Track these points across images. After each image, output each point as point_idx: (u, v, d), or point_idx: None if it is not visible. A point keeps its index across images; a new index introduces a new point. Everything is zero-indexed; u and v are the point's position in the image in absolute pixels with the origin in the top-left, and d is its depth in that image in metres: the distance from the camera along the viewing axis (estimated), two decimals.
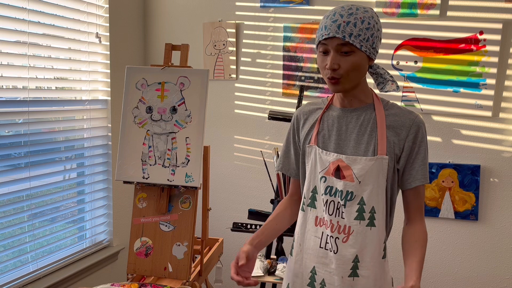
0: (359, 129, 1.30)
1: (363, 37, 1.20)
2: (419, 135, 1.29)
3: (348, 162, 1.28)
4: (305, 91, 2.57)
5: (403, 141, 1.28)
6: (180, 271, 1.65)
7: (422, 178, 1.29)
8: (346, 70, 1.22)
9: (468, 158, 2.40)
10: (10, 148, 1.94)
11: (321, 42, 1.23)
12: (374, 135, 1.28)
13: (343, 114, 1.33)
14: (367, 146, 1.28)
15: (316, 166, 1.35)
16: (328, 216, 1.31)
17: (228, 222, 2.82)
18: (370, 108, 1.31)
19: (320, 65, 1.27)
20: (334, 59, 1.21)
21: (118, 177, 1.68)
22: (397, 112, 1.30)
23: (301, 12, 2.58)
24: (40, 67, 2.08)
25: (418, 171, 1.29)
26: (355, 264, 1.28)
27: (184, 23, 2.80)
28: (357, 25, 1.19)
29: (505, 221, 2.39)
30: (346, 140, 1.31)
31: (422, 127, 1.30)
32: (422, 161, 1.29)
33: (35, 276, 2.06)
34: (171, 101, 1.65)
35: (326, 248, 1.32)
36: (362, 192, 1.27)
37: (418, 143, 1.29)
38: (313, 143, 1.36)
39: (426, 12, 2.37)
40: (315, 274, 1.34)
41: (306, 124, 1.42)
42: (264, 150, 2.69)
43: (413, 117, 1.30)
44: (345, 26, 1.18)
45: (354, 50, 1.20)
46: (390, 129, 1.28)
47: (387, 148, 1.26)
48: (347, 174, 1.28)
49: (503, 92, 2.33)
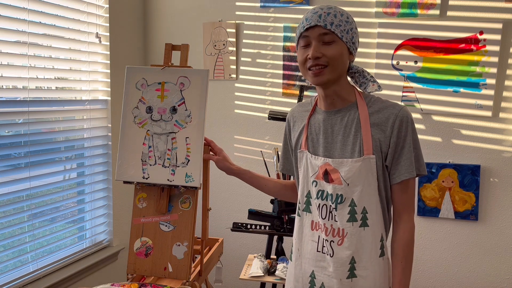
0: (344, 130, 1.29)
1: (343, 28, 1.22)
2: (402, 128, 1.26)
3: (335, 165, 1.28)
4: (305, 91, 2.57)
5: (389, 138, 1.26)
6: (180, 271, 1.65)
7: (407, 172, 1.26)
8: (330, 58, 1.22)
9: (468, 158, 2.40)
10: (10, 148, 1.94)
11: (302, 34, 1.24)
12: (359, 135, 1.26)
13: (327, 116, 1.33)
14: (353, 147, 1.27)
15: (307, 171, 1.35)
16: (322, 220, 1.31)
17: (228, 222, 2.82)
18: (354, 108, 1.30)
19: (301, 59, 1.27)
20: (316, 48, 1.22)
21: (118, 177, 1.67)
22: (380, 107, 1.28)
23: (301, 12, 2.58)
24: (40, 67, 2.08)
25: (403, 166, 1.26)
26: (352, 265, 1.28)
27: (184, 23, 2.80)
28: (337, 16, 1.22)
29: (505, 221, 2.39)
30: (333, 143, 1.31)
31: (405, 119, 1.26)
32: (407, 154, 1.26)
33: (35, 276, 2.06)
34: (171, 101, 1.65)
35: (323, 252, 1.32)
36: (351, 194, 1.27)
37: (402, 137, 1.26)
38: (303, 148, 1.37)
39: (426, 12, 2.37)
40: (314, 278, 1.34)
41: (296, 128, 1.43)
42: (264, 150, 2.69)
43: (396, 111, 1.26)
44: (326, 16, 1.21)
45: (335, 39, 1.22)
46: (375, 126, 1.26)
47: (373, 147, 1.25)
48: (335, 178, 1.28)
49: (503, 92, 2.33)
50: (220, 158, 1.63)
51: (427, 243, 2.51)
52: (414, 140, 1.28)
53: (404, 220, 1.31)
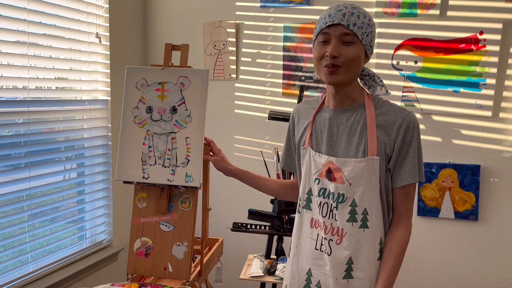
0: (350, 130, 1.29)
1: (365, 30, 1.22)
2: (408, 133, 1.25)
3: (338, 164, 1.28)
4: (305, 91, 2.57)
5: (394, 141, 1.25)
6: (180, 271, 1.65)
7: (409, 177, 1.26)
8: (347, 59, 1.21)
9: (468, 158, 2.40)
10: (10, 148, 1.94)
11: (323, 30, 1.23)
12: (364, 135, 1.26)
13: (334, 115, 1.32)
14: (357, 147, 1.26)
15: (310, 168, 1.35)
16: (322, 218, 1.31)
17: (228, 222, 2.82)
18: (361, 108, 1.29)
19: (317, 55, 1.25)
20: (336, 47, 1.21)
21: (118, 177, 1.67)
22: (387, 110, 1.28)
23: (301, 12, 2.58)
24: (40, 67, 2.08)
25: (406, 170, 1.26)
26: (349, 266, 1.27)
27: (184, 23, 2.80)
28: (360, 17, 1.21)
29: (505, 221, 2.39)
30: (337, 141, 1.30)
31: (412, 124, 1.25)
32: (411, 159, 1.26)
33: (35, 276, 2.06)
34: (171, 101, 1.65)
35: (321, 250, 1.32)
36: (353, 194, 1.26)
37: (408, 142, 1.25)
38: (307, 145, 1.37)
39: (426, 12, 2.37)
40: (311, 276, 1.34)
41: (300, 124, 1.43)
42: (264, 150, 2.69)
43: (403, 115, 1.26)
44: (350, 16, 1.20)
45: (355, 41, 1.21)
46: (381, 128, 1.26)
47: (377, 148, 1.24)
48: (338, 176, 1.28)
49: (503, 92, 2.33)
50: (218, 159, 1.63)
51: (427, 243, 2.51)
52: (419, 146, 1.28)
53: (404, 222, 1.31)
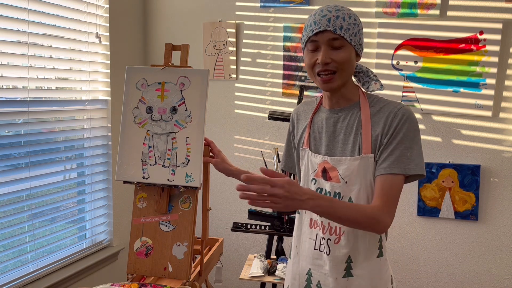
0: (346, 129, 1.29)
1: (352, 31, 1.21)
2: (395, 123, 1.21)
3: (333, 163, 1.28)
4: (305, 91, 2.57)
5: (384, 133, 1.23)
6: (180, 271, 1.65)
7: (389, 167, 1.20)
8: (339, 63, 1.21)
9: (468, 158, 2.40)
10: (10, 148, 1.94)
11: (311, 38, 1.22)
12: (359, 134, 1.26)
13: (330, 115, 1.33)
14: (353, 145, 1.26)
15: (308, 169, 1.36)
16: (319, 218, 1.31)
17: (228, 222, 2.82)
18: (356, 107, 1.29)
19: (308, 63, 1.25)
20: (326, 53, 1.21)
21: (118, 177, 1.67)
22: (381, 107, 1.26)
23: (301, 12, 2.58)
24: (40, 67, 2.08)
25: (386, 160, 1.21)
26: (348, 264, 1.27)
27: (184, 23, 2.80)
28: (345, 19, 1.21)
29: (505, 221, 2.39)
30: (335, 141, 1.31)
31: (401, 116, 1.21)
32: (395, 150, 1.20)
33: (35, 276, 2.06)
34: (171, 101, 1.65)
35: (320, 250, 1.32)
36: (349, 192, 1.26)
37: (394, 132, 1.21)
38: (305, 146, 1.37)
39: (426, 12, 2.37)
40: (311, 276, 1.34)
41: (299, 125, 1.43)
42: (264, 150, 2.69)
43: (394, 108, 1.23)
44: (335, 20, 1.20)
45: (344, 44, 1.21)
46: (375, 125, 1.25)
47: (371, 145, 1.24)
48: (333, 176, 1.28)
49: (503, 92, 2.33)
50: (219, 160, 1.63)
51: (427, 243, 2.51)
52: (410, 138, 1.22)
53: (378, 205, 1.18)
